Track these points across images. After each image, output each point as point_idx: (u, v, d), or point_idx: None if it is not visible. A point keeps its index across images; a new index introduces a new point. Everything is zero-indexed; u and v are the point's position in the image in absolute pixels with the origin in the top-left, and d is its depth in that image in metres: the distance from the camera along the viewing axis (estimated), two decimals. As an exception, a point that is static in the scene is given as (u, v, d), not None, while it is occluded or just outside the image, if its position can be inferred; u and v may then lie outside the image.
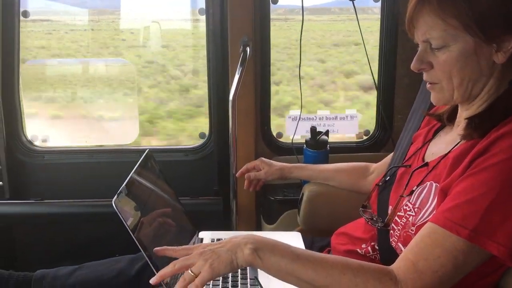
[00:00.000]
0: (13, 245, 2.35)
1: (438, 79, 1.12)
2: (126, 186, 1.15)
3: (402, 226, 1.17)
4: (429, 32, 1.09)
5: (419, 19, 1.10)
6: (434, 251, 1.00)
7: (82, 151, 2.36)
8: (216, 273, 1.02)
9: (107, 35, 3.27)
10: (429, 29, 1.08)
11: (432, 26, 1.07)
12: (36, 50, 2.79)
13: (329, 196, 1.80)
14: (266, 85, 2.25)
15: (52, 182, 2.31)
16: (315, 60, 3.89)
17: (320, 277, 1.01)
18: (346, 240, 1.44)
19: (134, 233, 1.09)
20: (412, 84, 2.19)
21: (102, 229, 2.28)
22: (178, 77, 3.83)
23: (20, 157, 2.29)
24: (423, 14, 1.08)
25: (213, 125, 2.29)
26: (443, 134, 1.29)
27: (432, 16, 1.07)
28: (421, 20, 1.09)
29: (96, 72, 3.02)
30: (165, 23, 2.95)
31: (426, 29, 1.09)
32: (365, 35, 2.15)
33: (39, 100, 2.89)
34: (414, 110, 1.60)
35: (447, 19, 1.05)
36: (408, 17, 1.13)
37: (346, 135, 2.46)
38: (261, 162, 1.83)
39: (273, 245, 1.05)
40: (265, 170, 1.80)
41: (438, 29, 1.07)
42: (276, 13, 2.35)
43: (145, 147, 2.49)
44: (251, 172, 1.83)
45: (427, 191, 1.15)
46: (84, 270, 1.59)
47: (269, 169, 1.80)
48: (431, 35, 1.08)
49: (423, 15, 1.08)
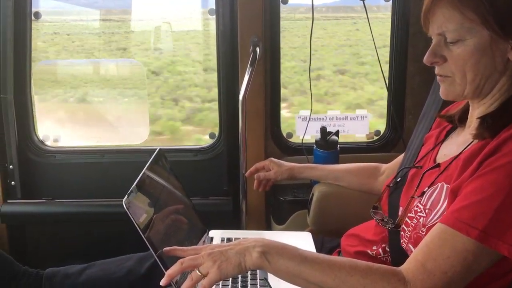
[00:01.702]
0: (24, 244, 2.37)
1: (451, 72, 1.11)
2: (137, 185, 1.16)
3: (413, 227, 1.16)
4: (445, 25, 1.08)
5: (436, 11, 1.09)
6: (444, 251, 0.99)
7: (93, 151, 2.38)
8: (224, 274, 1.03)
9: (117, 36, 3.29)
10: (445, 21, 1.07)
11: (449, 19, 1.07)
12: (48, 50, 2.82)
13: (339, 196, 1.79)
14: (276, 85, 2.24)
15: (63, 181, 2.33)
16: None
17: (328, 279, 1.01)
18: (357, 241, 1.43)
19: (144, 233, 1.09)
20: (423, 84, 2.17)
21: (112, 228, 2.29)
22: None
23: (31, 157, 2.31)
24: (441, 6, 1.07)
25: (223, 125, 2.29)
26: (455, 135, 1.28)
27: (450, 8, 1.06)
28: (438, 12, 1.08)
29: (107, 72, 3.04)
30: (175, 23, 2.97)
31: (442, 21, 1.08)
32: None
33: (51, 100, 2.91)
34: (426, 111, 1.59)
35: (464, 12, 1.04)
36: (424, 9, 1.12)
37: (356, 135, 2.45)
38: (271, 162, 1.81)
39: (281, 248, 1.05)
40: (274, 170, 1.79)
41: (455, 22, 1.06)
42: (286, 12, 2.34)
43: (155, 146, 2.51)
44: (260, 172, 1.82)
45: (438, 192, 1.14)
46: (94, 269, 1.61)
47: (279, 169, 1.78)
48: (447, 28, 1.08)
49: (441, 7, 1.08)
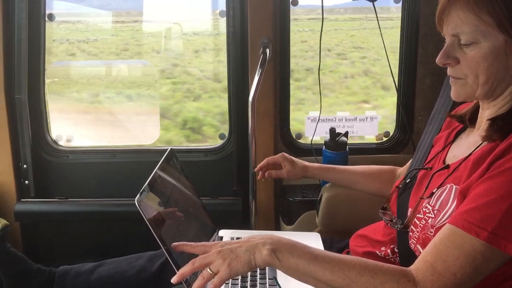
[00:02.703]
0: (37, 242, 2.41)
1: (464, 74, 1.11)
2: (149, 184, 1.17)
3: (421, 228, 1.17)
4: (460, 27, 1.07)
5: (451, 12, 1.09)
6: (453, 252, 0.99)
7: (105, 151, 2.40)
8: (234, 272, 1.03)
9: (129, 37, 3.32)
10: (460, 23, 1.07)
11: (464, 21, 1.06)
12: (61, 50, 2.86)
13: (348, 197, 1.80)
14: (286, 86, 2.26)
15: (76, 181, 2.36)
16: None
17: (338, 279, 1.02)
18: (365, 242, 1.44)
19: (156, 231, 1.10)
20: (433, 85, 2.17)
21: (123, 227, 2.32)
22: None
23: (45, 156, 2.35)
24: (457, 7, 1.07)
25: (233, 126, 2.31)
26: (465, 136, 1.28)
27: (466, 11, 1.06)
28: (453, 13, 1.08)
29: (119, 73, 3.07)
30: (186, 25, 2.99)
31: (458, 23, 1.08)
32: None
33: (64, 101, 2.95)
34: (436, 112, 1.59)
35: (480, 15, 1.04)
36: (440, 9, 1.12)
37: (366, 136, 2.45)
38: (284, 159, 1.74)
39: (291, 246, 1.05)
40: (287, 170, 1.73)
41: (470, 24, 1.06)
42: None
43: (166, 147, 2.53)
44: (270, 169, 1.76)
45: (447, 194, 1.14)
46: (106, 267, 1.63)
47: (292, 169, 1.72)
48: (462, 29, 1.07)
49: (456, 9, 1.07)
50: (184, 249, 1.10)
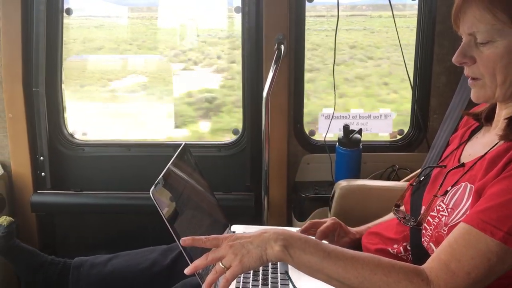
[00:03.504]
0: (53, 233, 2.44)
1: (481, 74, 1.10)
2: (163, 177, 1.18)
3: (435, 226, 1.16)
4: (476, 26, 1.07)
5: (466, 11, 1.08)
6: (468, 252, 0.99)
7: (120, 144, 2.43)
8: (246, 267, 1.04)
9: (145, 32, 3.34)
10: (476, 22, 1.06)
11: (480, 20, 1.06)
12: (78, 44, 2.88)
13: (360, 194, 1.80)
14: (300, 82, 2.26)
15: (91, 173, 2.39)
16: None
17: (351, 276, 1.01)
18: (378, 240, 1.43)
19: (170, 223, 1.11)
20: (449, 83, 2.16)
21: (137, 220, 2.34)
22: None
23: (61, 149, 2.38)
24: (472, 6, 1.07)
25: (247, 121, 2.31)
26: (480, 135, 1.27)
27: (481, 9, 1.05)
28: (469, 12, 1.08)
29: (134, 67, 3.09)
30: (201, 21, 3.00)
31: (473, 22, 1.07)
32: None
33: (80, 94, 2.99)
34: (451, 110, 1.58)
35: (496, 13, 1.04)
36: (455, 8, 1.11)
37: (380, 134, 2.44)
38: (341, 227, 1.50)
39: (304, 242, 1.05)
40: (343, 242, 1.48)
41: (486, 23, 1.05)
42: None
43: (180, 141, 2.55)
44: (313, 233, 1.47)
45: (461, 192, 1.14)
46: (120, 259, 1.65)
47: (347, 239, 1.50)
48: (478, 28, 1.07)
49: (472, 7, 1.07)
50: (195, 243, 1.10)
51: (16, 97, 2.23)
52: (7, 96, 2.23)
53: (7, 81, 2.21)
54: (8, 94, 2.23)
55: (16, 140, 2.27)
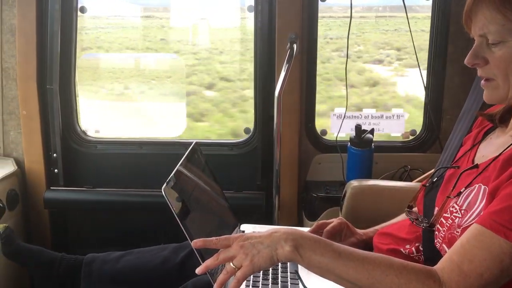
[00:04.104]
0: (66, 229, 2.47)
1: (493, 74, 1.10)
2: (175, 175, 1.19)
3: (448, 228, 1.15)
4: (487, 27, 1.07)
5: (477, 13, 1.08)
6: (480, 253, 0.98)
7: (132, 142, 2.45)
8: (257, 268, 1.04)
9: (157, 31, 3.36)
10: (487, 23, 1.06)
11: (490, 20, 1.05)
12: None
13: (372, 194, 1.79)
14: (312, 82, 2.25)
15: (103, 171, 2.41)
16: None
17: (362, 277, 1.01)
18: (389, 240, 1.42)
19: (181, 220, 1.12)
20: (462, 84, 2.14)
21: (148, 217, 2.36)
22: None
23: (74, 146, 2.40)
24: (482, 7, 1.06)
25: (258, 120, 2.32)
26: (494, 136, 1.26)
27: (491, 10, 1.05)
28: (479, 13, 1.07)
29: (147, 66, 3.11)
30: (214, 20, 3.01)
31: (484, 23, 1.07)
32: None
33: (92, 92, 3.01)
34: (465, 111, 1.57)
35: (506, 14, 1.03)
36: (466, 10, 1.11)
37: (392, 134, 2.42)
38: (347, 227, 1.48)
39: (314, 242, 1.05)
40: (350, 242, 1.46)
41: (496, 24, 1.05)
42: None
43: (192, 140, 2.56)
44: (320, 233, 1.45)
45: (475, 193, 1.13)
46: (131, 256, 1.66)
47: (354, 240, 1.47)
48: (489, 29, 1.06)
49: (482, 8, 1.07)
50: (206, 245, 1.10)
51: (30, 95, 2.25)
52: (22, 94, 2.26)
53: (22, 79, 2.24)
54: (23, 91, 2.25)
55: (29, 137, 2.30)
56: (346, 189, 1.86)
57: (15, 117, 2.30)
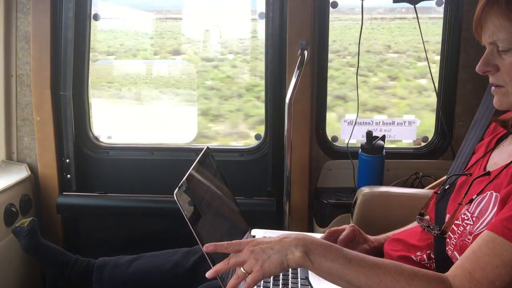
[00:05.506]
0: (78, 234, 2.49)
1: (504, 81, 1.10)
2: (187, 180, 1.20)
3: (459, 235, 1.15)
4: (496, 34, 1.07)
5: (486, 21, 1.09)
6: (492, 260, 0.97)
7: (144, 148, 2.46)
8: (267, 273, 1.04)
9: (170, 37, 3.39)
10: (496, 31, 1.07)
11: (500, 28, 1.06)
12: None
13: (383, 201, 1.79)
14: (323, 88, 2.26)
15: (115, 176, 2.43)
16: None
17: (373, 283, 1.01)
18: (401, 246, 1.42)
19: (193, 225, 1.12)
20: (475, 90, 2.12)
21: (160, 222, 2.37)
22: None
23: (86, 152, 2.42)
24: (491, 15, 1.07)
25: (269, 127, 2.32)
26: (507, 143, 1.25)
27: (500, 18, 1.06)
28: (488, 21, 1.08)
29: (159, 72, 3.13)
30: (225, 27, 3.02)
31: (493, 31, 1.07)
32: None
33: (105, 99, 3.04)
34: (478, 118, 1.56)
35: None
36: (475, 19, 1.12)
37: (403, 141, 2.41)
38: (360, 233, 1.47)
39: (325, 248, 1.05)
40: (362, 248, 1.46)
41: (505, 31, 1.05)
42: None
43: (203, 145, 2.57)
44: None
45: (487, 201, 1.12)
46: (142, 260, 1.67)
47: (367, 246, 1.47)
48: (498, 37, 1.07)
49: (491, 17, 1.07)
50: (217, 249, 1.11)
51: (44, 101, 2.28)
52: (36, 100, 2.29)
53: (36, 85, 2.27)
54: (37, 97, 2.28)
55: (43, 143, 2.33)
56: (357, 196, 1.86)
57: (29, 123, 2.33)
